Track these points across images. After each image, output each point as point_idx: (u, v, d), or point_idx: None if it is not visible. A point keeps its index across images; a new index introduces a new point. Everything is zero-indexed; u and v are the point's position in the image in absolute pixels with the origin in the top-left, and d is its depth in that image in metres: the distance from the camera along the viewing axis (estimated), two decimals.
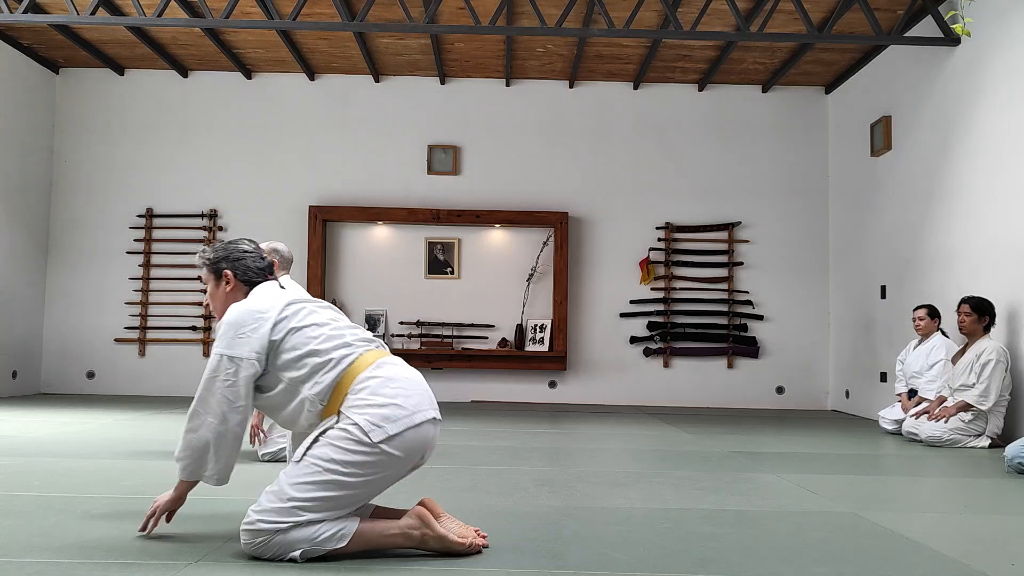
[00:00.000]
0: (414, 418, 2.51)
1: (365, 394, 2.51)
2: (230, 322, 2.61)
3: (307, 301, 2.74)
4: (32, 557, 2.42)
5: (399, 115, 9.27)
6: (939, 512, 3.59)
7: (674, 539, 2.83)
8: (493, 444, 5.39)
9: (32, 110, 8.82)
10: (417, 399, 2.56)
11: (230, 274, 2.80)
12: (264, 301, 2.68)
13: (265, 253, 4.79)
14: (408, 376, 2.62)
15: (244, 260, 2.82)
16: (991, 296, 5.98)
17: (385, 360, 2.63)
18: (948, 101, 6.84)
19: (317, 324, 2.65)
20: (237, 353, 2.55)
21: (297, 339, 2.60)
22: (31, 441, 5.05)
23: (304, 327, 2.63)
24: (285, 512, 2.40)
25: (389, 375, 2.57)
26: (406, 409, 2.50)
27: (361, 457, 2.43)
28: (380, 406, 2.48)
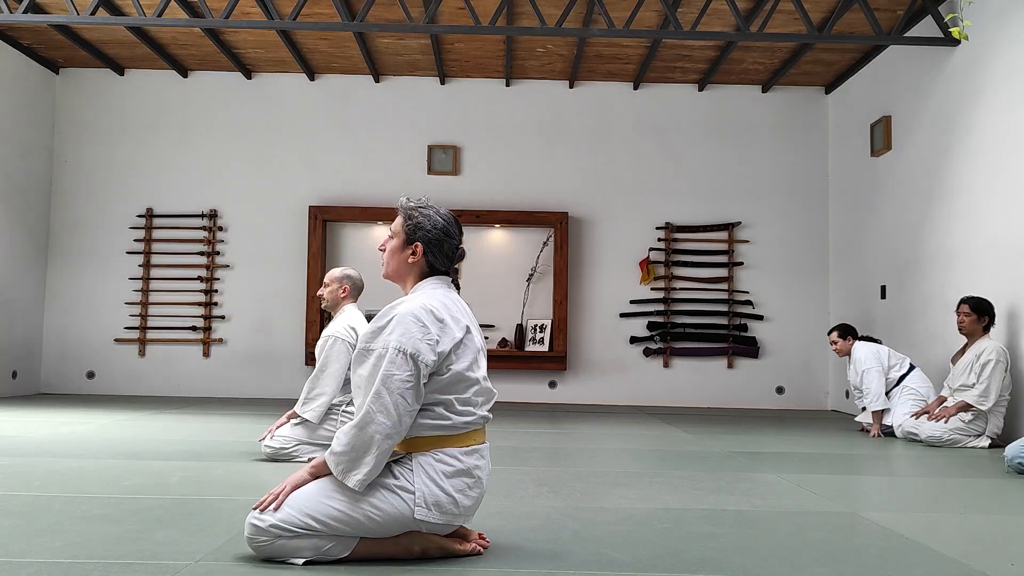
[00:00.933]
0: (457, 520, 2.48)
1: (441, 470, 2.42)
2: (418, 316, 2.41)
3: (477, 336, 2.58)
4: (32, 557, 2.42)
5: (399, 115, 9.27)
6: (939, 512, 3.58)
7: (674, 539, 2.83)
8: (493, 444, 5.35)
9: (32, 110, 8.82)
10: (472, 504, 2.50)
11: (421, 249, 2.58)
12: (448, 308, 2.50)
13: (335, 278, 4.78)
14: (482, 477, 2.52)
15: (443, 245, 2.60)
16: (991, 296, 5.98)
17: (478, 449, 2.52)
18: (948, 101, 6.84)
19: (470, 379, 2.50)
20: (420, 356, 2.37)
21: (448, 381, 2.45)
22: (31, 441, 5.05)
23: (461, 375, 2.47)
24: (298, 523, 2.36)
25: (470, 468, 2.47)
26: (459, 509, 2.45)
27: (395, 513, 2.39)
28: (443, 492, 2.41)
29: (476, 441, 2.53)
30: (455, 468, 2.44)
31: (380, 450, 2.34)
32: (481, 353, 2.58)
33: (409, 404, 2.36)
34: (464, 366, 2.48)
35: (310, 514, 2.35)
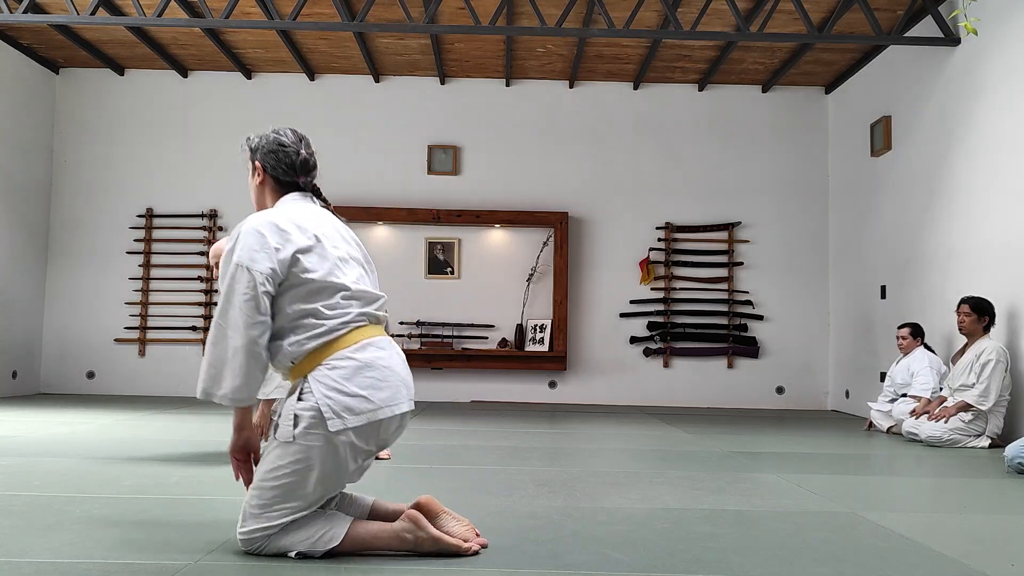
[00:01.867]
0: (378, 414, 2.43)
1: (337, 375, 2.41)
2: (250, 231, 2.45)
3: (340, 244, 2.58)
4: (32, 557, 2.42)
5: (399, 115, 9.27)
6: (939, 512, 3.58)
7: (674, 539, 2.83)
8: (493, 444, 5.39)
9: (32, 110, 8.82)
10: (390, 392, 2.47)
11: (260, 167, 2.64)
12: (293, 218, 2.51)
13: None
14: (388, 365, 2.50)
15: (278, 155, 2.63)
16: (991, 296, 5.98)
17: (371, 342, 2.50)
18: (948, 101, 6.84)
19: (334, 284, 2.49)
20: (254, 266, 2.40)
21: (308, 290, 2.46)
22: (31, 441, 5.05)
23: (321, 282, 2.47)
24: (263, 517, 2.39)
25: (368, 360, 2.46)
26: (373, 403, 2.43)
27: (317, 441, 2.37)
28: (348, 395, 2.40)
29: (366, 336, 2.50)
30: (351, 366, 2.43)
31: (236, 363, 2.37)
32: (347, 262, 2.57)
33: (251, 316, 2.38)
34: (320, 274, 2.47)
35: (260, 496, 2.38)
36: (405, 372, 2.58)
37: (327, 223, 2.60)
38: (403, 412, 2.52)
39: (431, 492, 3.59)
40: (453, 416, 7.27)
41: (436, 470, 4.23)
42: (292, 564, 2.40)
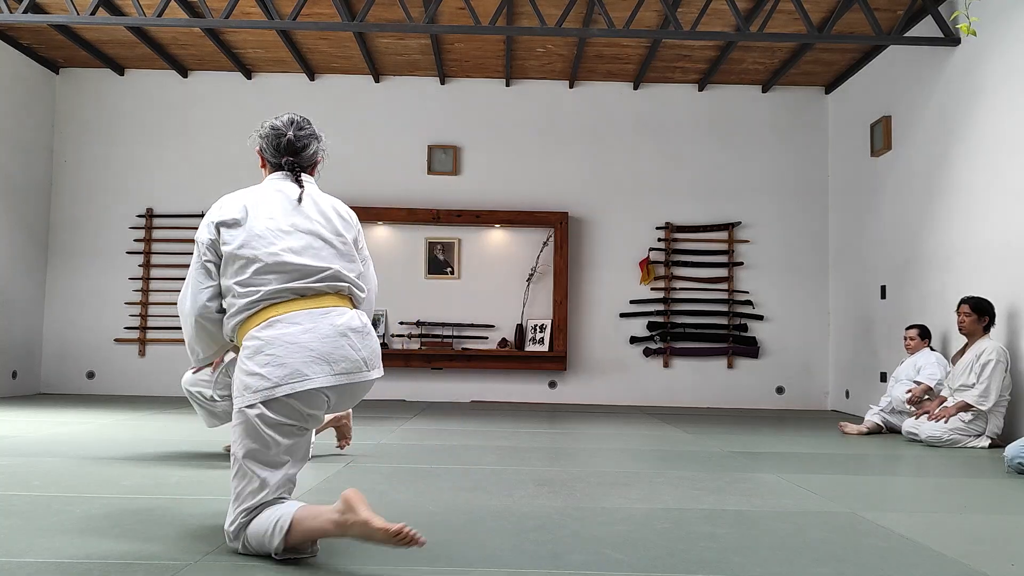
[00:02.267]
0: (275, 391, 2.44)
1: (243, 355, 2.51)
2: (216, 204, 2.66)
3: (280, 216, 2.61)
4: (32, 557, 2.42)
5: (399, 115, 9.27)
6: (939, 512, 3.58)
7: (674, 539, 2.83)
8: (493, 444, 5.39)
9: (32, 110, 8.82)
10: (290, 370, 2.45)
11: (259, 152, 2.80)
12: (243, 194, 2.66)
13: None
14: (294, 341, 2.48)
15: (270, 140, 2.77)
16: (991, 296, 5.98)
17: (282, 318, 2.52)
18: (948, 101, 6.84)
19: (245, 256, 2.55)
20: (199, 237, 2.62)
21: (226, 263, 2.59)
22: (31, 441, 5.05)
23: (233, 254, 2.56)
24: (232, 505, 2.48)
25: (270, 339, 2.48)
26: (270, 381, 2.44)
27: (240, 419, 2.48)
28: (248, 374, 2.47)
29: (281, 312, 2.53)
30: (253, 346, 2.50)
31: (191, 328, 2.64)
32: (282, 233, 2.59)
33: (200, 282, 2.61)
34: (233, 246, 2.56)
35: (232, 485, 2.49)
36: (326, 346, 2.51)
37: (278, 198, 2.66)
38: (316, 388, 2.47)
39: (431, 492, 3.60)
40: (453, 416, 7.27)
41: (436, 470, 4.23)
42: (292, 564, 2.40)
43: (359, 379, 2.57)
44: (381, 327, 8.98)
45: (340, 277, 2.63)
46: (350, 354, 2.55)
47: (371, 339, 2.64)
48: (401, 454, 4.86)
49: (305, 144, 2.79)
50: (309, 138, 2.82)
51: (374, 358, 2.64)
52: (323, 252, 2.63)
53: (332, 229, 2.69)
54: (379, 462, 4.48)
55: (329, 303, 2.58)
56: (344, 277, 2.64)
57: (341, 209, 2.78)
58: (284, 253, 2.56)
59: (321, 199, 2.74)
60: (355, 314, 2.63)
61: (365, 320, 2.66)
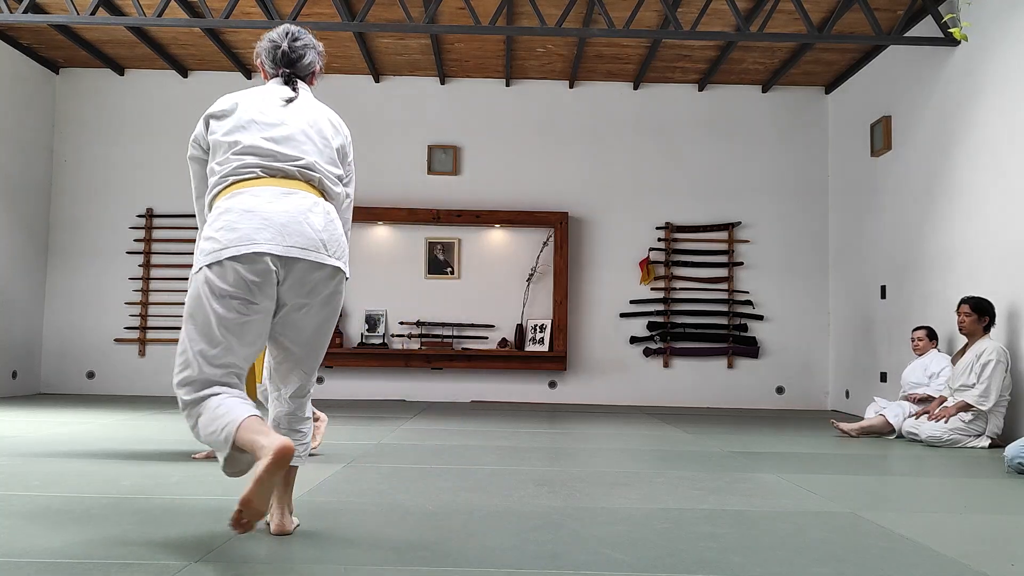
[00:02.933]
0: (222, 253, 2.44)
1: (207, 223, 2.57)
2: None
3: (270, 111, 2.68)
4: (32, 557, 2.42)
5: (399, 115, 9.27)
6: (939, 512, 3.58)
7: (674, 539, 2.83)
8: (493, 444, 5.39)
9: (32, 110, 8.82)
10: (242, 233, 2.46)
11: (260, 65, 2.87)
12: (236, 94, 2.73)
13: None
14: (252, 208, 2.50)
15: (267, 50, 2.84)
16: (991, 296, 5.98)
17: (248, 189, 2.55)
18: (948, 101, 6.84)
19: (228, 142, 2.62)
20: (193, 134, 2.73)
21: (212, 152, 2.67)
22: (31, 441, 5.05)
23: (219, 141, 2.63)
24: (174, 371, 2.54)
25: (231, 205, 2.52)
26: (220, 243, 2.46)
27: (191, 287, 2.52)
28: (206, 239, 2.50)
29: (251, 186, 2.56)
30: (216, 212, 2.54)
31: (198, 210, 2.76)
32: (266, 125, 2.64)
33: (195, 172, 2.75)
34: (219, 134, 2.64)
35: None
36: (282, 218, 2.50)
37: (270, 97, 2.71)
38: (261, 251, 2.45)
39: (431, 492, 3.59)
40: (453, 416, 7.27)
41: (436, 470, 4.23)
42: (292, 564, 2.40)
43: (314, 258, 2.52)
44: (381, 327, 8.98)
45: (314, 168, 2.64)
46: (307, 231, 2.52)
47: (335, 228, 2.62)
48: (401, 454, 4.86)
49: (301, 54, 2.82)
50: (304, 48, 2.83)
51: (336, 248, 2.60)
52: (305, 146, 2.65)
53: (318, 131, 2.71)
54: (379, 462, 4.48)
55: (297, 186, 2.60)
56: (318, 168, 2.64)
57: (333, 118, 2.81)
58: (266, 141, 2.61)
59: (314, 105, 2.78)
60: (323, 203, 2.62)
61: (331, 211, 2.64)
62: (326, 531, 2.85)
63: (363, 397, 8.86)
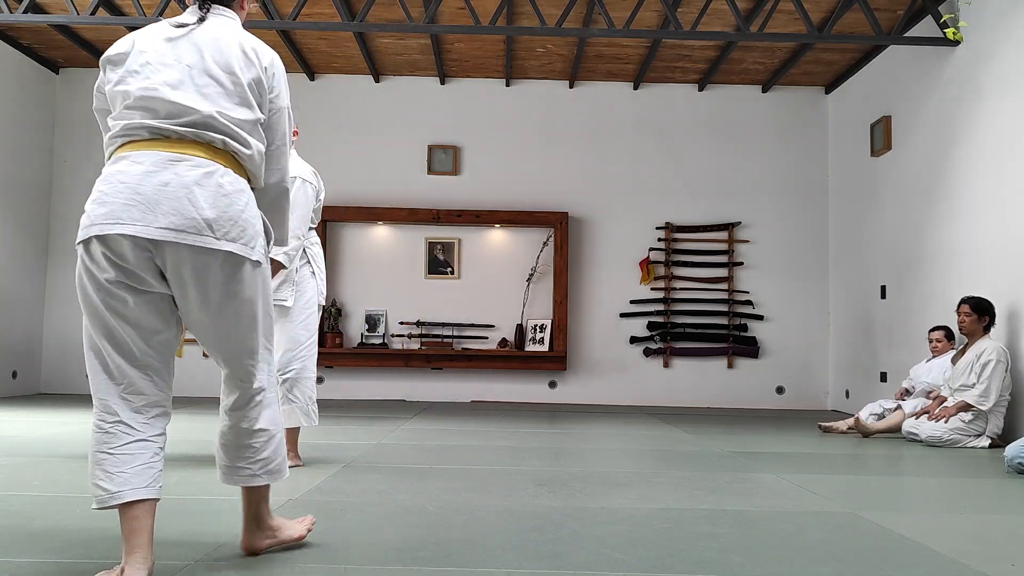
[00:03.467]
0: (90, 231, 2.13)
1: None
2: None
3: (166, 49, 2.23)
4: (32, 557, 2.42)
5: (399, 115, 9.27)
6: (939, 512, 3.58)
7: (674, 539, 2.83)
8: (493, 444, 5.39)
9: (32, 110, 8.82)
10: (109, 208, 2.11)
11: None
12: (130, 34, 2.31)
13: None
14: (125, 181, 2.12)
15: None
16: (991, 296, 5.98)
17: (128, 155, 2.16)
18: (948, 101, 6.84)
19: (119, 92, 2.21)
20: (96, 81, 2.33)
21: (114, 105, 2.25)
22: (31, 441, 5.05)
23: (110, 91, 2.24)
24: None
25: (107, 175, 2.15)
26: (89, 219, 2.14)
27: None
28: (84, 213, 2.18)
29: (126, 150, 2.18)
30: (98, 181, 2.19)
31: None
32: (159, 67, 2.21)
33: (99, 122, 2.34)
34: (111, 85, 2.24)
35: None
36: (157, 194, 2.11)
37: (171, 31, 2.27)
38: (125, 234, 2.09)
39: (431, 491, 3.59)
40: (453, 416, 7.27)
41: (436, 470, 4.23)
42: (292, 564, 2.40)
43: (195, 243, 2.11)
44: (381, 327, 8.98)
45: (213, 126, 2.19)
46: (185, 208, 2.11)
47: (231, 203, 2.17)
48: (401, 454, 4.86)
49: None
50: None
51: (231, 227, 2.16)
52: (206, 89, 2.21)
53: (224, 64, 2.24)
54: (379, 462, 4.48)
55: (188, 151, 2.17)
56: (219, 126, 2.20)
57: (248, 45, 2.31)
58: (158, 87, 2.18)
59: (227, 32, 2.30)
60: (220, 171, 2.18)
61: (232, 181, 2.20)
62: (326, 531, 2.84)
63: (363, 397, 8.86)
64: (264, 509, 2.47)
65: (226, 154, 2.22)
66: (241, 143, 2.24)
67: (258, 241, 2.26)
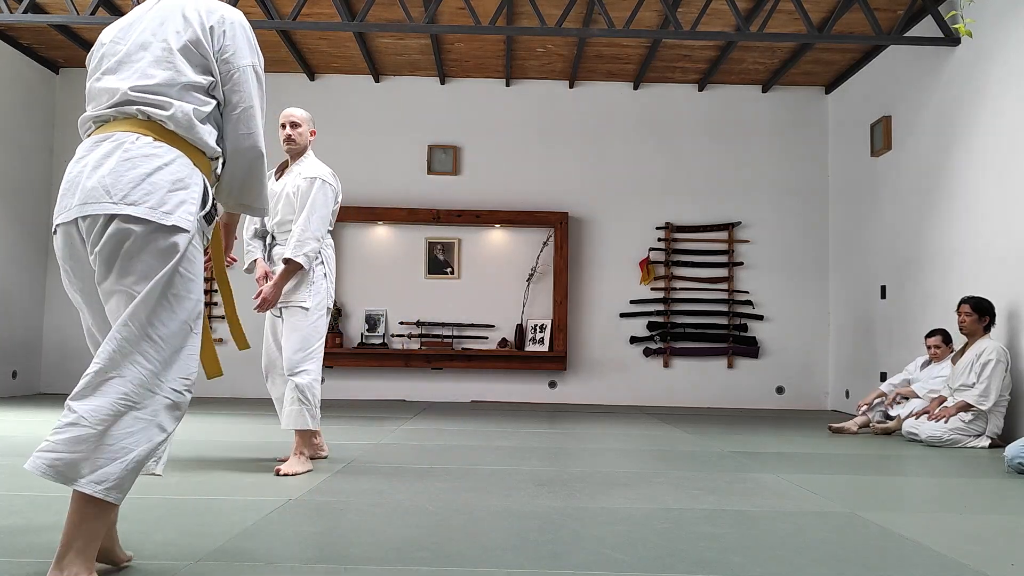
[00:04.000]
0: (55, 221, 2.15)
1: None
2: None
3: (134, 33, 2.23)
4: (32, 557, 2.42)
5: (399, 115, 9.27)
6: (939, 512, 3.58)
7: (674, 539, 2.83)
8: (493, 444, 5.39)
9: (32, 110, 8.83)
10: (65, 202, 2.12)
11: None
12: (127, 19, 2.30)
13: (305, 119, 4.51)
14: (73, 175, 2.12)
15: None
16: (991, 296, 5.98)
17: (81, 147, 2.18)
18: (948, 101, 6.84)
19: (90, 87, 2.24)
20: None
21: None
22: (31, 441, 5.05)
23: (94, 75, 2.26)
24: None
25: (67, 170, 2.16)
26: (54, 213, 2.16)
27: None
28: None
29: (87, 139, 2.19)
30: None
31: None
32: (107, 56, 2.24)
33: None
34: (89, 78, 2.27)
35: None
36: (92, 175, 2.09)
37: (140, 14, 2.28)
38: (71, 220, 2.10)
39: (430, 491, 3.59)
40: (453, 416, 7.27)
41: (436, 470, 4.23)
42: (291, 564, 2.40)
43: (94, 211, 2.05)
44: (381, 327, 8.98)
45: (130, 99, 2.15)
46: (88, 184, 2.08)
47: (134, 166, 2.08)
48: (401, 454, 4.86)
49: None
50: None
51: (128, 187, 2.06)
52: (139, 64, 2.19)
53: (160, 33, 2.21)
54: (379, 462, 4.48)
55: (111, 129, 2.15)
56: (134, 98, 2.15)
57: (193, 7, 2.25)
58: (104, 76, 2.21)
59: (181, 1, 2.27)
60: (131, 139, 2.12)
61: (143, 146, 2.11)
62: (326, 531, 2.85)
63: (363, 397, 8.86)
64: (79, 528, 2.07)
65: (149, 123, 2.16)
66: (158, 107, 2.15)
67: (179, 207, 2.11)
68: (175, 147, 2.15)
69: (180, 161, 2.15)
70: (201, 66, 2.23)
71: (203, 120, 2.22)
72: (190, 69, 2.20)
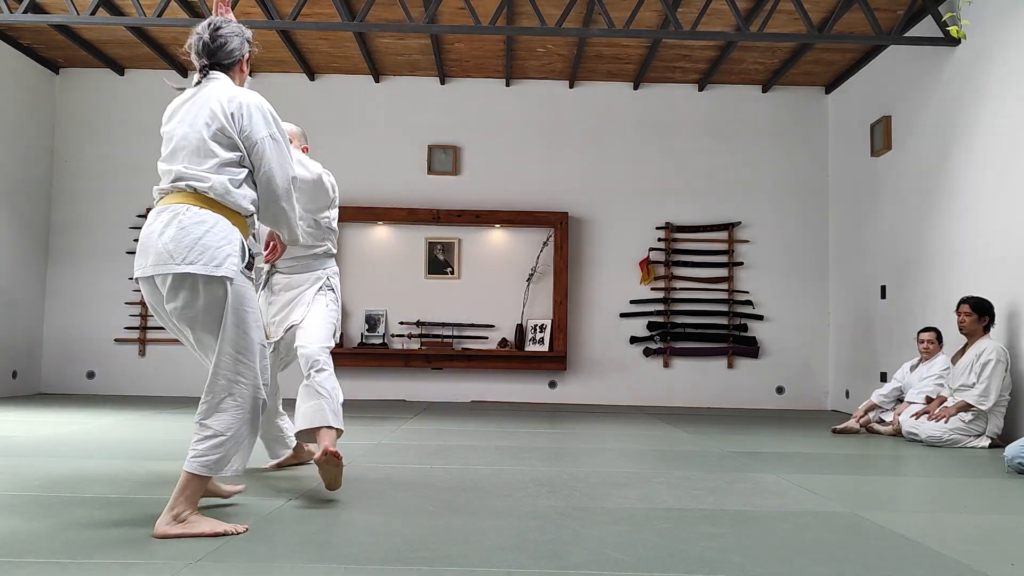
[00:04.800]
0: (135, 272, 2.81)
1: None
2: None
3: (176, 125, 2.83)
4: (32, 557, 2.42)
5: (399, 115, 9.27)
6: (939, 512, 3.59)
7: (674, 539, 2.83)
8: (493, 444, 5.39)
9: (32, 110, 8.82)
10: (140, 260, 2.77)
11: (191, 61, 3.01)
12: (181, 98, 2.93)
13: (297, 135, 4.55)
14: (144, 236, 2.77)
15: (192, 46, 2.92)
16: (991, 296, 5.98)
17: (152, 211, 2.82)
18: (948, 101, 6.84)
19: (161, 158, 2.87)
20: None
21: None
22: (31, 441, 5.05)
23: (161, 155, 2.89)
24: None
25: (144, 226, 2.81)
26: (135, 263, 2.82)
27: None
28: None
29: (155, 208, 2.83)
30: None
31: None
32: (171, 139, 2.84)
33: None
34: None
35: None
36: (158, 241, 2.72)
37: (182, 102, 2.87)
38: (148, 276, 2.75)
39: (430, 491, 3.59)
40: (453, 416, 7.27)
41: (436, 470, 4.23)
42: (292, 564, 2.40)
43: (164, 271, 2.70)
44: (381, 327, 8.98)
45: (182, 176, 2.76)
46: (156, 246, 2.72)
47: (187, 233, 2.70)
48: (401, 454, 4.86)
49: (221, 43, 2.88)
50: (227, 36, 2.88)
51: (188, 252, 2.69)
52: (182, 152, 2.79)
53: (198, 125, 2.78)
54: (379, 462, 4.48)
55: (171, 201, 2.77)
56: (186, 176, 2.76)
57: (222, 100, 2.80)
58: (161, 162, 2.84)
59: (214, 95, 2.82)
60: (183, 210, 2.73)
61: (194, 215, 2.72)
62: (326, 531, 2.85)
63: (363, 397, 8.86)
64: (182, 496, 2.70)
65: (195, 194, 2.75)
66: (200, 180, 2.75)
67: (226, 259, 2.71)
68: (216, 212, 2.75)
69: (222, 223, 2.75)
70: (229, 145, 2.80)
71: (238, 186, 2.80)
72: (221, 150, 2.79)
